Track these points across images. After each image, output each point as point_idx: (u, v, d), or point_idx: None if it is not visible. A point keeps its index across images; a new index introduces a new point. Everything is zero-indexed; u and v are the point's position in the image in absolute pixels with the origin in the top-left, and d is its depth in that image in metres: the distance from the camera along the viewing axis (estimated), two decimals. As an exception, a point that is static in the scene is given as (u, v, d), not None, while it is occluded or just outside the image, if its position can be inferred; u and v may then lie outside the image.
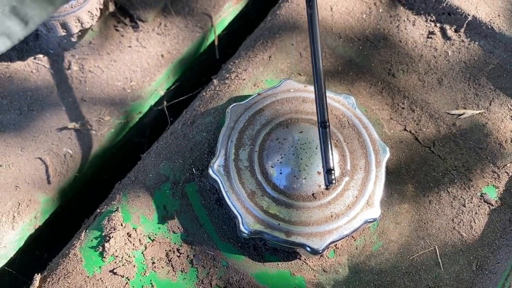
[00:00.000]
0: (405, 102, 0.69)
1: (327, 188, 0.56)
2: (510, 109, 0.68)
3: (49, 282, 0.58)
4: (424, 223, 0.62)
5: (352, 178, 0.58)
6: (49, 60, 0.73)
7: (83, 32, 0.71)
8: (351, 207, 0.57)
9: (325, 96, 0.55)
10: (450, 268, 0.60)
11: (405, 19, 0.75)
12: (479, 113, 0.68)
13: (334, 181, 0.54)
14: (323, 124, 0.54)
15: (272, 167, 0.57)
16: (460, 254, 0.60)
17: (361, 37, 0.73)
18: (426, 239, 0.61)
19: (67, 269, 0.58)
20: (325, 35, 0.73)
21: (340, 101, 0.63)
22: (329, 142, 0.54)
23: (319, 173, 0.57)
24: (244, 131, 0.60)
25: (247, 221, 0.56)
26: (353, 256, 0.60)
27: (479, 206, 0.63)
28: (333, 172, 0.53)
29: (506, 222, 0.62)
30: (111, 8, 0.73)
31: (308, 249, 0.55)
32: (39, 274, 0.59)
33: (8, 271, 0.67)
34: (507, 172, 0.65)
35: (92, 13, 0.67)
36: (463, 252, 0.60)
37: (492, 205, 0.63)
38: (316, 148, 0.58)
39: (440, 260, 0.60)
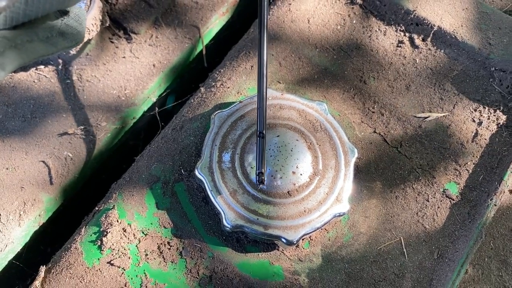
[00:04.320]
0: (375, 106, 0.74)
1: (258, 185, 0.61)
2: (472, 112, 0.74)
3: (53, 273, 0.61)
4: (391, 217, 0.67)
5: (323, 177, 0.64)
6: (50, 71, 0.77)
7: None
8: (322, 203, 0.62)
9: (265, 111, 0.61)
10: (413, 257, 0.65)
11: (377, 30, 0.80)
12: (444, 115, 0.74)
13: (264, 182, 0.59)
14: (260, 134, 0.60)
15: (251, 167, 0.63)
16: (423, 244, 0.65)
17: (335, 47, 0.78)
18: (392, 231, 0.66)
19: (69, 261, 0.62)
20: (302, 46, 0.78)
21: (313, 108, 0.68)
22: (263, 149, 0.60)
23: (293, 173, 0.63)
24: (227, 135, 0.66)
25: (229, 216, 0.61)
26: (326, 247, 0.65)
27: (441, 201, 0.68)
28: (262, 174, 0.59)
29: (465, 215, 0.67)
30: (106, 22, 0.78)
31: (284, 240, 0.60)
32: (44, 266, 0.62)
33: (16, 264, 0.70)
34: (467, 170, 0.70)
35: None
36: (426, 242, 0.65)
37: (453, 200, 0.68)
38: (292, 150, 0.64)
39: (405, 250, 0.65)
